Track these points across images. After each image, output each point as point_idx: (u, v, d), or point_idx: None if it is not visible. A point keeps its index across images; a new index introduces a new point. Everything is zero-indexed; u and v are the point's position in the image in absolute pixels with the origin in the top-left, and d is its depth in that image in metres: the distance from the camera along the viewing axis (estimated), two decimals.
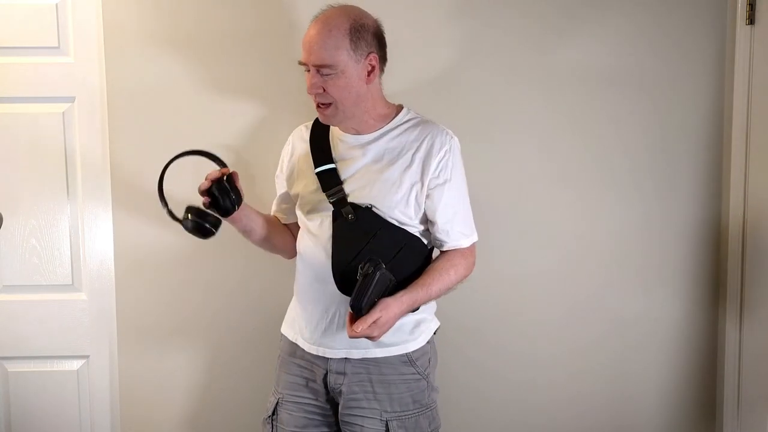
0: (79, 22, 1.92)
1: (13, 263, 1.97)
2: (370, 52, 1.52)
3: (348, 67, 1.49)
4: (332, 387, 1.58)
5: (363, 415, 1.55)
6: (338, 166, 1.56)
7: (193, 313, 2.00)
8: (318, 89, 1.49)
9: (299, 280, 1.63)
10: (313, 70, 1.49)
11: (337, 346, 1.55)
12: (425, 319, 1.61)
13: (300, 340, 1.62)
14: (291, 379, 1.63)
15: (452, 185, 1.56)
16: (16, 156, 1.94)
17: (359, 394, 1.56)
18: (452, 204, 1.56)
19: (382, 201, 1.52)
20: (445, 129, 1.58)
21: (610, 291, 2.00)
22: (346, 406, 1.57)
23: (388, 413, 1.55)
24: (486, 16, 1.92)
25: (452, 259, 1.58)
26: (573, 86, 1.94)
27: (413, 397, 1.57)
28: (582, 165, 1.96)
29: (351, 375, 1.56)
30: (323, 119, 1.56)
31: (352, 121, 1.57)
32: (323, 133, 1.62)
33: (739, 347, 1.92)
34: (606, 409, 2.03)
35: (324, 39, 1.47)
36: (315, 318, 1.57)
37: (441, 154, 1.54)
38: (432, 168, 1.53)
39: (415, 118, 1.61)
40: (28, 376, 2.01)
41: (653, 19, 1.92)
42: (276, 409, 1.64)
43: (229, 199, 1.49)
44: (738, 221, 1.90)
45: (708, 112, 1.95)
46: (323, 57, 1.47)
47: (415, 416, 1.57)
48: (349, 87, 1.50)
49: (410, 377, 1.57)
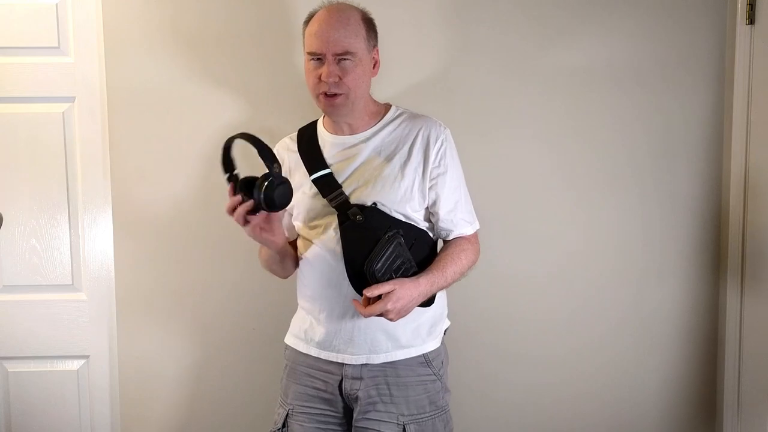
0: (79, 22, 1.92)
1: (13, 263, 1.97)
2: (375, 45, 1.56)
3: (365, 56, 1.51)
4: (348, 393, 1.55)
5: (380, 419, 1.53)
6: (333, 169, 1.55)
7: (193, 314, 2.00)
8: (335, 77, 1.48)
9: (308, 289, 1.59)
10: (332, 59, 1.48)
11: (357, 351, 1.53)
12: (440, 319, 1.61)
13: (312, 350, 1.58)
14: (301, 389, 1.60)
15: (452, 175, 1.57)
16: (16, 156, 1.94)
17: (376, 398, 1.53)
18: (454, 193, 1.58)
19: (386, 196, 1.51)
20: (437, 120, 1.59)
21: (610, 291, 2.00)
22: (363, 411, 1.54)
23: (405, 417, 1.53)
24: (484, 15, 1.92)
25: (460, 245, 1.58)
26: (572, 85, 1.94)
27: (430, 398, 1.56)
28: (582, 165, 1.96)
29: (368, 379, 1.54)
30: (331, 109, 1.53)
31: (352, 116, 1.56)
32: (311, 140, 1.61)
33: (740, 347, 1.92)
34: (606, 409, 2.03)
35: (345, 26, 1.48)
36: (331, 325, 1.54)
37: (438, 145, 1.55)
38: (431, 159, 1.54)
39: (405, 112, 1.61)
40: (28, 376, 2.01)
41: (653, 19, 1.92)
42: (286, 421, 1.60)
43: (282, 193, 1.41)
44: (738, 221, 1.90)
45: (708, 112, 1.95)
46: (345, 45, 1.47)
47: (431, 419, 1.55)
48: (364, 76, 1.52)
49: (427, 378, 1.56)
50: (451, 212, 1.57)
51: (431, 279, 1.49)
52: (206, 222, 1.96)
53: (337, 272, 1.52)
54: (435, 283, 1.50)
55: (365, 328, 1.52)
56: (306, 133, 1.63)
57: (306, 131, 1.64)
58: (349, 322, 1.53)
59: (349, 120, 1.57)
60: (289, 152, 1.64)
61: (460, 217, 1.59)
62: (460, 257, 1.56)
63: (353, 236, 1.50)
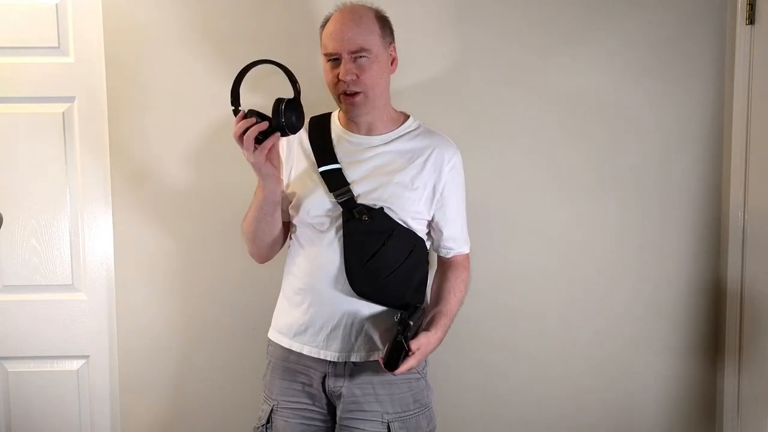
0: (79, 22, 1.92)
1: (13, 263, 1.98)
2: (391, 42, 1.57)
3: (381, 53, 1.52)
4: (331, 390, 1.56)
5: (364, 418, 1.54)
6: (344, 166, 1.55)
7: (193, 313, 2.00)
8: (352, 75, 1.49)
9: (299, 281, 1.58)
10: (348, 58, 1.49)
11: (342, 349, 1.54)
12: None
13: (296, 345, 1.58)
14: (285, 384, 1.60)
15: (459, 196, 1.63)
16: (16, 156, 1.95)
17: (360, 396, 1.55)
18: (459, 214, 1.64)
19: (395, 203, 1.53)
20: (450, 140, 1.62)
21: (609, 290, 2.00)
22: (346, 409, 1.55)
23: (389, 414, 1.55)
24: (486, 20, 1.92)
25: (458, 274, 1.66)
26: (572, 86, 1.94)
27: (414, 396, 1.58)
28: (582, 166, 1.96)
29: (352, 378, 1.55)
30: (351, 108, 1.53)
31: (372, 114, 1.56)
32: (323, 132, 1.61)
33: (740, 347, 1.92)
34: (606, 409, 2.03)
35: (358, 25, 1.50)
36: (319, 321, 1.55)
37: (450, 165, 1.59)
38: (444, 177, 1.57)
39: (422, 126, 1.63)
40: (28, 376, 2.01)
41: (653, 19, 1.92)
42: (270, 417, 1.61)
43: (294, 116, 1.42)
44: (738, 221, 1.90)
45: (708, 112, 1.95)
46: (360, 42, 1.49)
47: (415, 416, 1.57)
48: (382, 74, 1.53)
49: (411, 376, 1.57)
50: (455, 232, 1.64)
51: (444, 325, 1.58)
52: (206, 222, 1.96)
53: (333, 268, 1.53)
54: (446, 325, 1.59)
55: (351, 327, 1.54)
56: (319, 123, 1.63)
57: (319, 121, 1.64)
58: (337, 319, 1.54)
59: (370, 119, 1.57)
60: (297, 140, 1.63)
61: (461, 237, 1.66)
62: (460, 288, 1.64)
63: (356, 235, 1.51)
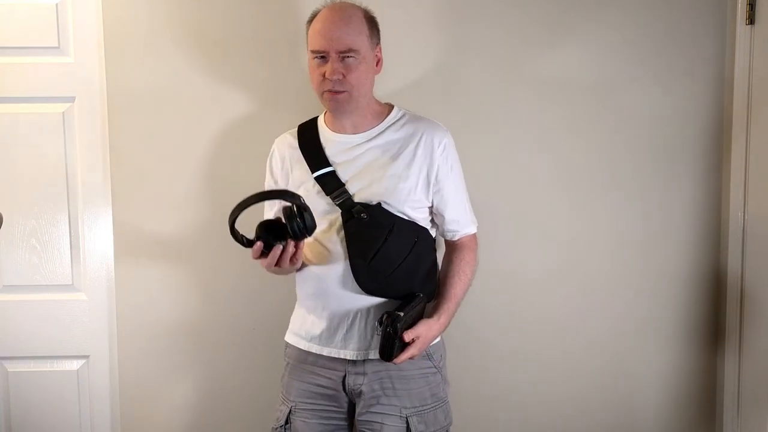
0: (79, 22, 1.92)
1: (13, 263, 1.98)
2: (378, 43, 1.57)
3: (368, 53, 1.53)
4: (352, 388, 1.57)
5: (383, 413, 1.55)
6: (336, 168, 1.56)
7: (193, 313, 2.00)
8: (339, 75, 1.49)
9: (310, 287, 1.60)
10: (335, 57, 1.49)
11: (360, 347, 1.55)
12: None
13: (314, 347, 1.59)
14: (303, 386, 1.61)
15: (456, 177, 1.61)
16: (16, 156, 1.94)
17: (379, 391, 1.55)
18: (459, 194, 1.62)
19: (391, 196, 1.53)
20: (439, 123, 1.62)
21: (610, 290, 1.99)
22: (366, 405, 1.56)
23: (407, 409, 1.55)
24: (483, 13, 1.92)
25: (464, 257, 1.63)
26: (572, 85, 1.94)
27: (431, 390, 1.59)
28: (582, 165, 1.96)
29: (371, 374, 1.55)
30: (335, 105, 1.54)
31: (356, 114, 1.57)
32: (312, 137, 1.62)
33: (740, 346, 1.92)
34: (606, 409, 2.03)
35: (347, 24, 1.50)
36: (334, 323, 1.56)
37: (441, 147, 1.57)
38: (436, 161, 1.56)
39: (407, 114, 1.63)
40: (28, 376, 2.01)
41: (653, 18, 1.92)
42: (289, 418, 1.62)
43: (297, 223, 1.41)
44: (738, 220, 1.90)
45: (708, 112, 1.95)
46: (348, 42, 1.49)
47: (433, 410, 1.58)
48: (368, 74, 1.54)
49: (428, 371, 1.59)
50: (458, 214, 1.62)
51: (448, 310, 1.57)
52: (206, 222, 1.97)
53: (340, 269, 1.54)
54: (450, 310, 1.58)
55: (366, 324, 1.55)
56: (307, 129, 1.64)
57: (307, 128, 1.64)
58: (351, 318, 1.55)
59: (353, 118, 1.58)
60: (290, 148, 1.64)
61: (465, 218, 1.64)
62: (465, 271, 1.62)
63: (357, 234, 1.52)
